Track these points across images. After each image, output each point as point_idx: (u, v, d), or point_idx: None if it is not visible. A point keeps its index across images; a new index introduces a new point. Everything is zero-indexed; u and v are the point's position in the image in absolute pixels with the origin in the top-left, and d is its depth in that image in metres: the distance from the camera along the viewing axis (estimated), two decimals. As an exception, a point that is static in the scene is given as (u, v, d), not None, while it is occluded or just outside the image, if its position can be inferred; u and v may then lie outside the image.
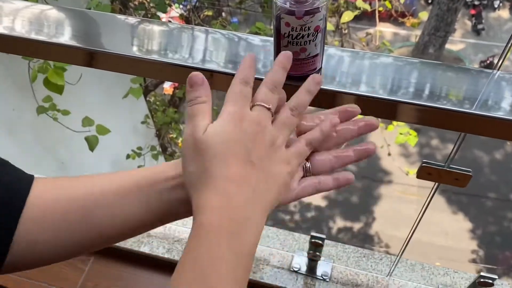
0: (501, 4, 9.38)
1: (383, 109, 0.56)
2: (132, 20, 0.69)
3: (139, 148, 2.98)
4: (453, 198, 5.86)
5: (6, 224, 0.42)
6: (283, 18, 0.48)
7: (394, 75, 0.57)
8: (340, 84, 0.56)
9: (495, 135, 0.53)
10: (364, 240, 5.57)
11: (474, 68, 0.56)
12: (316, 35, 0.49)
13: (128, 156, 2.89)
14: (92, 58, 0.61)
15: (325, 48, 0.60)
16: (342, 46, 3.35)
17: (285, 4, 0.47)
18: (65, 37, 0.63)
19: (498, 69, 0.56)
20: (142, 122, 3.41)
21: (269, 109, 0.44)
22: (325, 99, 0.56)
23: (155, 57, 0.60)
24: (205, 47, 0.62)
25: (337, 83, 0.56)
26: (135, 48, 0.62)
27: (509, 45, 0.53)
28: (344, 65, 0.60)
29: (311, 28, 0.48)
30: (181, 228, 1.14)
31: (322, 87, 0.53)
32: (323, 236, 0.99)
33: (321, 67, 0.55)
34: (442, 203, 5.80)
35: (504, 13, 9.36)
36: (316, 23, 0.48)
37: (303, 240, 1.13)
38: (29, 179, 0.46)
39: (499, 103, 0.52)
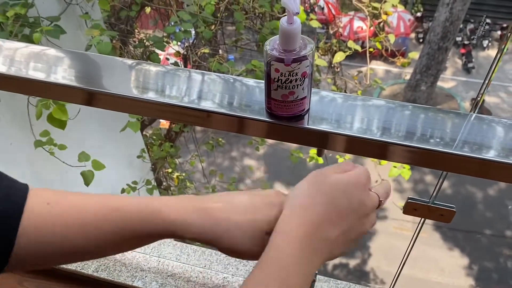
0: (490, 44, 9.67)
1: (374, 150, 0.59)
2: (129, 61, 0.73)
3: (134, 182, 2.98)
4: (449, 234, 5.84)
5: (6, 229, 0.44)
6: (273, 65, 0.52)
7: (383, 118, 0.61)
8: (332, 125, 0.59)
9: (472, 174, 0.56)
10: (360, 276, 5.50)
11: (452, 110, 0.60)
12: (304, 80, 0.53)
13: (123, 190, 2.90)
14: (91, 97, 0.65)
15: (318, 90, 0.64)
16: (335, 83, 3.43)
17: (275, 52, 0.51)
18: (65, 77, 0.67)
19: (475, 112, 0.60)
20: (138, 157, 3.43)
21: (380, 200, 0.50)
22: (318, 139, 0.60)
23: (152, 97, 0.63)
24: (201, 89, 0.66)
25: (330, 124, 0.59)
26: (133, 88, 0.65)
27: (483, 90, 0.57)
28: (337, 107, 0.63)
29: (299, 73, 0.52)
30: (174, 262, 1.15)
31: (314, 127, 0.58)
32: (315, 272, 1.00)
33: (309, 108, 0.58)
34: (437, 239, 5.78)
35: (493, 53, 9.62)
36: (303, 69, 0.52)
37: (296, 275, 1.14)
38: (25, 188, 0.48)
39: (477, 144, 0.56)
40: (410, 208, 0.74)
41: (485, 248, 5.82)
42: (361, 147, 0.60)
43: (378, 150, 0.59)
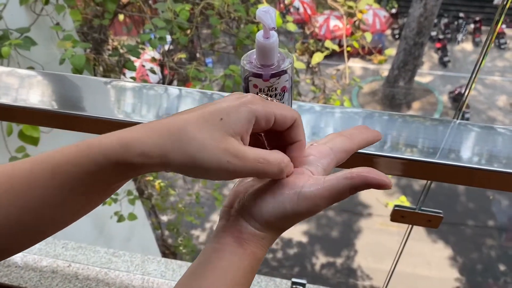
0: (464, 38, 9.86)
1: (356, 162, 0.58)
2: (103, 79, 0.70)
3: (116, 194, 2.93)
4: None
5: None
6: (251, 81, 0.50)
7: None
8: (311, 139, 0.58)
9: (458, 182, 0.55)
10: (348, 274, 5.53)
11: (434, 117, 0.59)
12: (283, 95, 0.51)
13: (104, 203, 2.84)
14: (65, 121, 0.62)
15: (297, 102, 0.62)
16: (313, 83, 3.43)
17: (252, 68, 0.49)
18: (35, 100, 0.64)
19: (458, 118, 0.59)
20: (119, 166, 3.37)
21: None
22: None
23: (127, 117, 0.61)
24: (177, 106, 0.63)
25: (309, 138, 0.58)
26: (109, 110, 0.62)
27: (465, 97, 0.56)
28: (316, 119, 0.62)
29: (278, 88, 0.50)
30: (159, 280, 1.12)
31: None
32: (304, 282, 0.99)
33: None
34: (422, 232, 5.85)
35: (467, 46, 9.82)
36: (282, 84, 0.50)
37: (285, 285, 1.12)
38: None
39: (459, 152, 0.55)
40: (397, 216, 0.73)
41: (469, 239, 5.92)
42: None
43: (360, 162, 0.58)
